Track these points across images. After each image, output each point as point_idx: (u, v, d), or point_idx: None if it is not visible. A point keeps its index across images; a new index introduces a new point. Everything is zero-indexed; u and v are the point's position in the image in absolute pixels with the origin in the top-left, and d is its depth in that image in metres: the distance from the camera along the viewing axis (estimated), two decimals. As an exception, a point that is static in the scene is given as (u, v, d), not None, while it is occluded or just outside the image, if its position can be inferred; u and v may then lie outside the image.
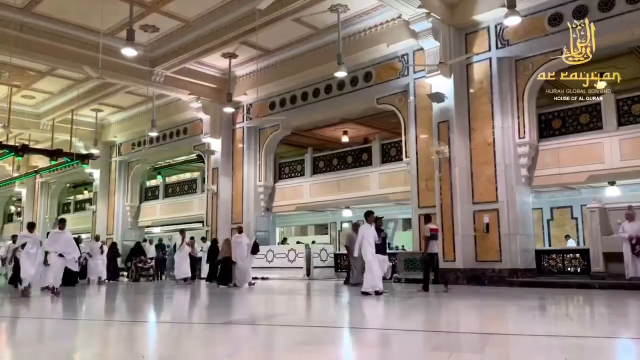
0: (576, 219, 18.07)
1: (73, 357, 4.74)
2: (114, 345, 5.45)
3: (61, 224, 11.69)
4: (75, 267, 12.16)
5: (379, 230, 10.58)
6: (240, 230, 14.58)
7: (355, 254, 10.47)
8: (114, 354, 4.90)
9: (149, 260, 18.55)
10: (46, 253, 11.14)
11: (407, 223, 21.87)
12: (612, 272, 11.44)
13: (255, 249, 14.02)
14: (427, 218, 12.08)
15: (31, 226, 11.62)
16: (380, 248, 10.56)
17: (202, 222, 20.35)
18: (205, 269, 18.29)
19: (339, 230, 23.45)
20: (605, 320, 7.23)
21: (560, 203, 17.98)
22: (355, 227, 12.72)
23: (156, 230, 25.51)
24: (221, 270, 14.11)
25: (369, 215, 10.44)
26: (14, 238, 15.07)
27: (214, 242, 16.74)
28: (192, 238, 17.18)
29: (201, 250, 18.59)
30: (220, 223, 19.19)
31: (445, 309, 8.30)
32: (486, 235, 12.62)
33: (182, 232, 16.47)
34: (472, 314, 7.79)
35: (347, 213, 21.70)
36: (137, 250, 18.67)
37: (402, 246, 20.55)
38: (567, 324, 6.52)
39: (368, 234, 10.08)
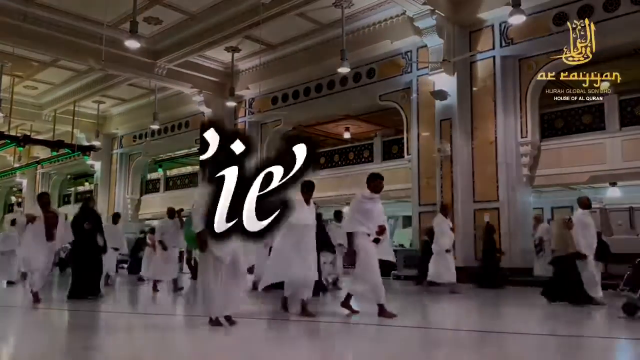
0: (577, 219, 18.03)
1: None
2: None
3: (308, 188, 6.47)
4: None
5: None
6: (585, 205, 8.42)
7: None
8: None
9: None
10: None
11: (407, 220, 21.85)
12: (612, 273, 11.41)
13: (606, 253, 8.53)
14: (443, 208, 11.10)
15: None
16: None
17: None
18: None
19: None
20: (604, 321, 7.23)
21: (561, 203, 17.92)
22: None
23: (156, 223, 25.47)
24: (559, 278, 8.06)
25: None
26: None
27: (490, 230, 11.71)
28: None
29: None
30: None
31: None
32: (486, 234, 12.59)
33: (444, 208, 10.79)
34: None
35: (347, 209, 21.63)
36: None
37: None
38: (566, 324, 6.52)
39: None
